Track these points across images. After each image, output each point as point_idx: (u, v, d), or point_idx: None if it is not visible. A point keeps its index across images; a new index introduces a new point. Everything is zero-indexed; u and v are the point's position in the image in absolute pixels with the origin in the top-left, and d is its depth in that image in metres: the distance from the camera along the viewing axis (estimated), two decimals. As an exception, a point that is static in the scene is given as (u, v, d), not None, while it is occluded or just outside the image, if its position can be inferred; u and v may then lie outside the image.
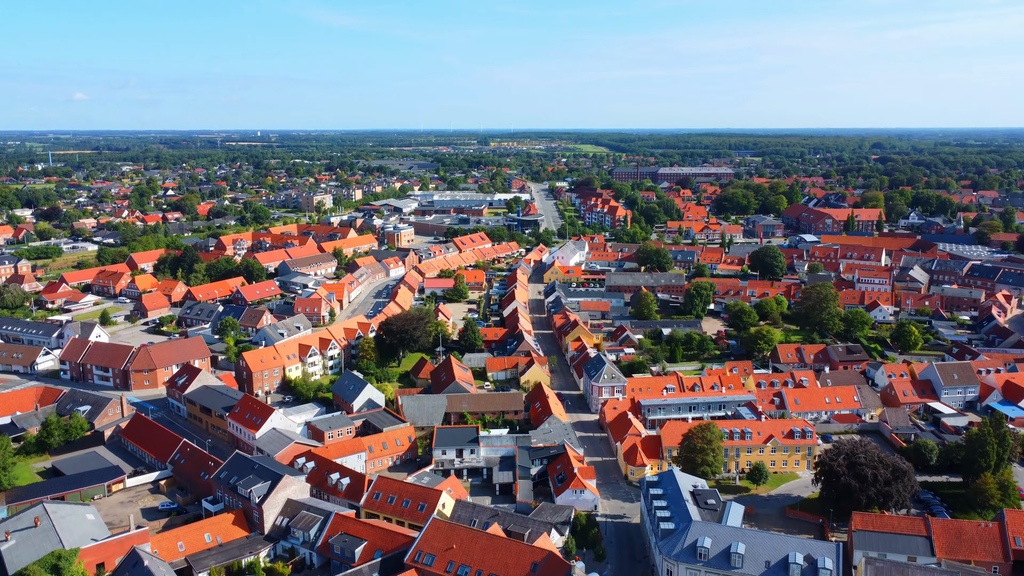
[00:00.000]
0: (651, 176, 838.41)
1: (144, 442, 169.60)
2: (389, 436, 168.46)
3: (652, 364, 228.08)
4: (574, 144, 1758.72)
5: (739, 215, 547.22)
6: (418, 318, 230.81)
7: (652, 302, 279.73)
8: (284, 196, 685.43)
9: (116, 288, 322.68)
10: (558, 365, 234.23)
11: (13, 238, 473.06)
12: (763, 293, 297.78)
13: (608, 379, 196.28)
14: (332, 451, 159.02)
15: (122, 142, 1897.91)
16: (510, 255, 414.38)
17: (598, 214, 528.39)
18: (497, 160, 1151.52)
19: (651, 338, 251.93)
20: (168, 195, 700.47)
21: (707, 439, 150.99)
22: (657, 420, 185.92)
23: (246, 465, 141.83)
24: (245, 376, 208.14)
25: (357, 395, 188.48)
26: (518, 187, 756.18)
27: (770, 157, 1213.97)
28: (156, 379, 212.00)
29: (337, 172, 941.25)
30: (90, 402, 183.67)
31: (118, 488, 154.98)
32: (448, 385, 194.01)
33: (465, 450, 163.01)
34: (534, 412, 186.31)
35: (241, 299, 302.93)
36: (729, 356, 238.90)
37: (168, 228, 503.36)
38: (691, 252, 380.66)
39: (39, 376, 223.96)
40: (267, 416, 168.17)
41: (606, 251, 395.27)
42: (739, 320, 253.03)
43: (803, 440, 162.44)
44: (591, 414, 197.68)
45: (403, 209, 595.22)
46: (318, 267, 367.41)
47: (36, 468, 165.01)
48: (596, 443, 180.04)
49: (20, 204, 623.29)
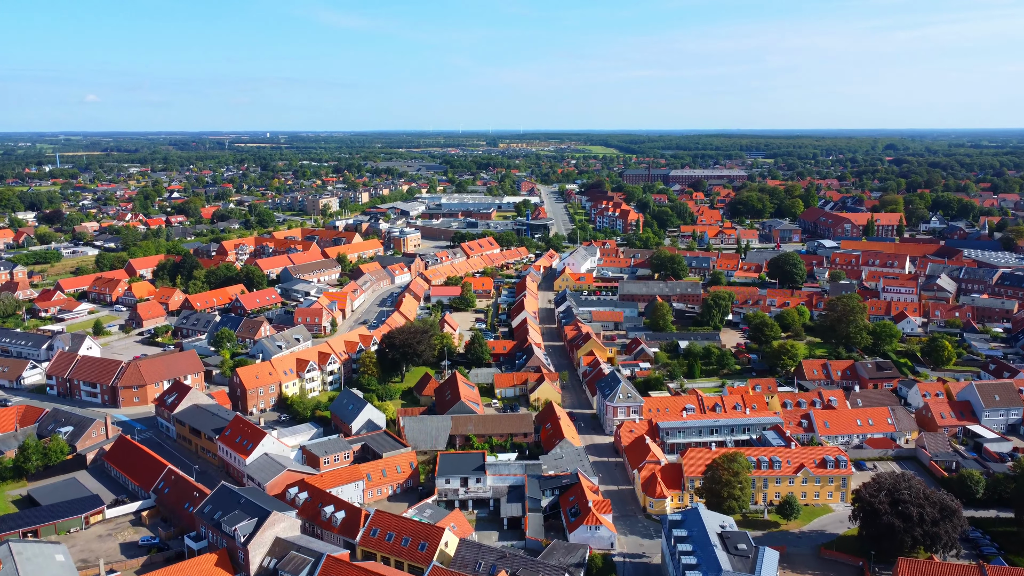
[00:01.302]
0: (662, 178, 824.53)
1: (127, 467, 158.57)
2: (389, 463, 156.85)
3: (669, 380, 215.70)
4: (583, 145, 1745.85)
5: (754, 219, 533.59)
6: (422, 331, 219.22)
7: (668, 312, 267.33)
8: (290, 199, 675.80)
9: (113, 296, 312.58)
10: (569, 380, 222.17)
11: (13, 242, 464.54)
12: (783, 303, 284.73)
13: (624, 399, 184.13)
14: (327, 480, 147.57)
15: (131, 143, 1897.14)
16: (519, 261, 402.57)
17: (609, 218, 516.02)
18: (506, 162, 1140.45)
19: (667, 351, 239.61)
20: (173, 198, 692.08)
21: (734, 471, 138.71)
22: (676, 444, 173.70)
23: (231, 499, 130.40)
24: (239, 393, 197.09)
25: (356, 416, 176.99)
26: (527, 189, 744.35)
27: (782, 159, 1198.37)
28: (146, 396, 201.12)
29: (344, 174, 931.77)
30: (73, 423, 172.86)
31: (97, 520, 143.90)
32: (453, 405, 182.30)
33: (470, 479, 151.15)
34: (544, 434, 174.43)
35: (240, 308, 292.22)
36: (750, 372, 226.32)
37: (171, 232, 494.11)
38: (706, 258, 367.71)
39: (25, 391, 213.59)
40: (258, 440, 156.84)
41: (618, 257, 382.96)
42: (760, 333, 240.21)
43: (837, 470, 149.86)
44: (605, 436, 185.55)
45: (410, 212, 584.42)
46: (321, 273, 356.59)
47: (12, 496, 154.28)
48: (611, 469, 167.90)
49: (23, 207, 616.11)
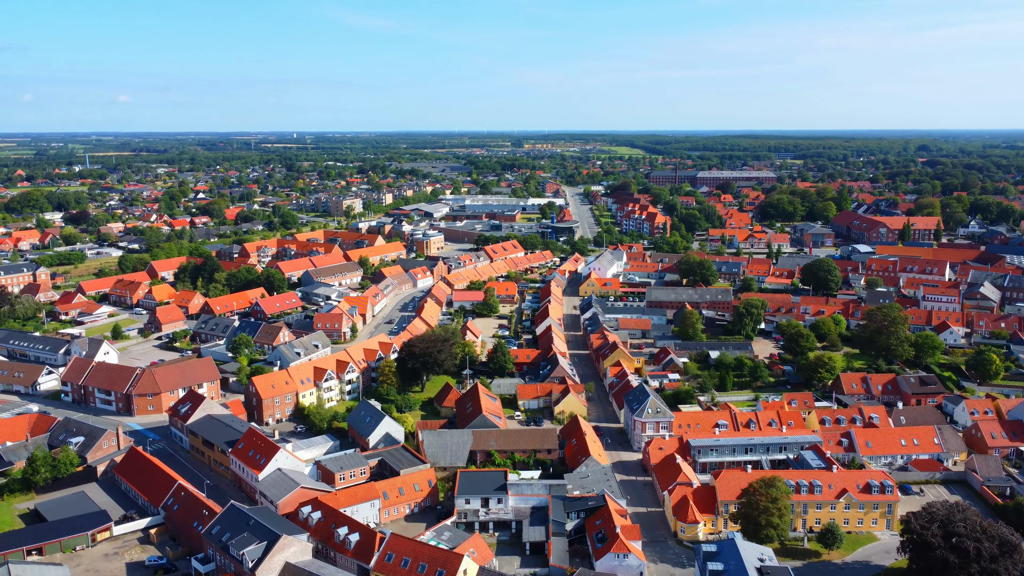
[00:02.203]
0: (690, 180, 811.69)
1: (137, 481, 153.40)
2: (407, 480, 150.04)
3: (700, 393, 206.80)
4: (609, 146, 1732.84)
5: (785, 222, 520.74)
6: (443, 339, 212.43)
7: (697, 320, 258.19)
8: (314, 200, 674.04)
9: (133, 298, 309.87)
10: (595, 392, 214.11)
11: (39, 243, 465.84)
12: (818, 311, 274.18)
13: (653, 414, 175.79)
14: (342, 499, 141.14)
15: (160, 144, 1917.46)
16: (544, 265, 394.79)
17: (636, 221, 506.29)
18: (531, 163, 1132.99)
19: (697, 362, 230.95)
20: (198, 198, 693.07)
21: (772, 497, 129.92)
22: (709, 463, 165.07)
23: (240, 520, 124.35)
24: (255, 403, 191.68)
25: (374, 429, 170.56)
26: (552, 191, 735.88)
27: (812, 160, 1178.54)
28: (161, 404, 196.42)
29: (369, 175, 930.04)
30: (84, 433, 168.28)
31: (104, 537, 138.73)
32: (474, 418, 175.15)
33: (491, 499, 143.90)
34: (569, 451, 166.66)
35: (260, 312, 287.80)
36: (785, 385, 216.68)
37: (194, 233, 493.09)
38: (736, 263, 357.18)
39: (40, 398, 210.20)
40: (272, 455, 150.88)
41: (645, 261, 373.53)
42: (795, 343, 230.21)
43: (883, 496, 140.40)
44: (633, 452, 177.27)
45: (434, 214, 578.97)
46: (343, 277, 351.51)
47: (19, 509, 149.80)
48: (639, 489, 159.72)
49: (51, 207, 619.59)
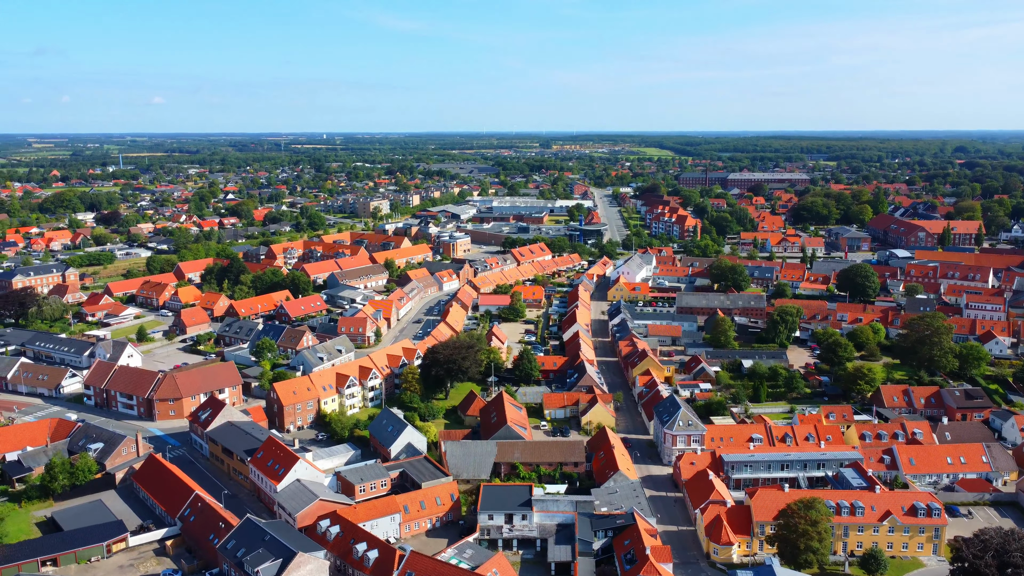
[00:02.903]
0: (720, 182, 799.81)
1: (155, 489, 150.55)
2: (428, 494, 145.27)
3: (732, 404, 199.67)
4: (638, 147, 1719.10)
5: (819, 225, 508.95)
6: (468, 346, 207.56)
7: (730, 328, 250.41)
8: (341, 201, 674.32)
9: (159, 300, 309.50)
10: (624, 401, 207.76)
11: (71, 243, 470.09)
12: (856, 319, 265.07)
13: (684, 427, 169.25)
14: (361, 512, 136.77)
15: (193, 144, 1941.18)
16: (571, 268, 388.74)
17: (665, 223, 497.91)
18: (559, 164, 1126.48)
19: (730, 371, 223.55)
20: (228, 199, 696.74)
21: (812, 520, 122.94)
22: (743, 480, 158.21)
23: (256, 535, 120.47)
24: (276, 409, 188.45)
25: (395, 438, 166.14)
26: (580, 193, 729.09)
27: (845, 161, 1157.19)
28: (182, 409, 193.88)
29: (397, 176, 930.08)
30: (103, 439, 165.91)
31: (120, 548, 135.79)
32: (499, 429, 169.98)
33: (515, 515, 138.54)
34: (597, 464, 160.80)
35: (285, 315, 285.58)
36: (822, 396, 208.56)
37: (222, 234, 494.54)
38: (769, 268, 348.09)
39: (64, 401, 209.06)
40: (290, 465, 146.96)
41: (675, 265, 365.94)
42: (833, 353, 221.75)
43: (929, 519, 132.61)
44: (663, 466, 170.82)
45: (461, 216, 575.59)
46: (368, 279, 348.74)
47: (37, 517, 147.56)
48: (669, 506, 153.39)
49: (83, 208, 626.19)
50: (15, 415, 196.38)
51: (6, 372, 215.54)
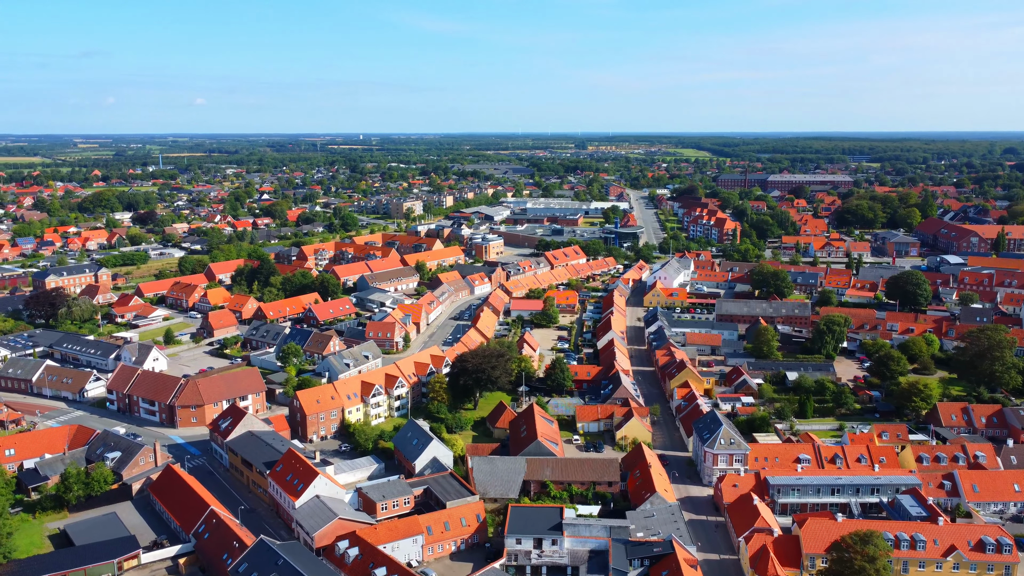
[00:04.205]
0: (760, 184, 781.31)
1: (171, 502, 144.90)
2: (453, 514, 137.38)
3: (777, 420, 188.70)
4: (675, 148, 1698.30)
5: (864, 229, 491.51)
6: (498, 354, 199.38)
7: (773, 337, 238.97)
8: (375, 202, 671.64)
9: (189, 301, 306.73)
10: (661, 415, 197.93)
11: (107, 242, 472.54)
12: (907, 329, 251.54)
13: (726, 445, 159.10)
14: (382, 533, 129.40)
15: (232, 145, 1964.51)
16: (606, 272, 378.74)
17: (703, 226, 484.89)
18: (594, 165, 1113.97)
19: (773, 384, 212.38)
20: (263, 199, 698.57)
21: (869, 556, 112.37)
22: (790, 504, 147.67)
23: (269, 558, 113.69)
24: (299, 418, 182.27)
25: (420, 452, 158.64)
26: (616, 195, 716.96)
27: (889, 163, 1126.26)
28: (204, 416, 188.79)
29: (431, 176, 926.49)
30: (121, 448, 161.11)
31: (131, 565, 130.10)
32: (529, 444, 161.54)
33: (545, 540, 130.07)
34: (632, 484, 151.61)
35: (313, 318, 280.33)
36: (873, 413, 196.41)
37: (255, 235, 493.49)
38: (813, 274, 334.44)
39: (87, 405, 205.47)
40: (310, 480, 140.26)
41: (714, 270, 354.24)
42: (884, 366, 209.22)
43: (999, 556, 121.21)
44: (703, 487, 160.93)
45: (494, 217, 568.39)
46: (399, 282, 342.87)
47: (50, 529, 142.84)
48: (710, 531, 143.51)
49: (121, 207, 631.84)
50: (37, 420, 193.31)
51: (31, 375, 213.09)
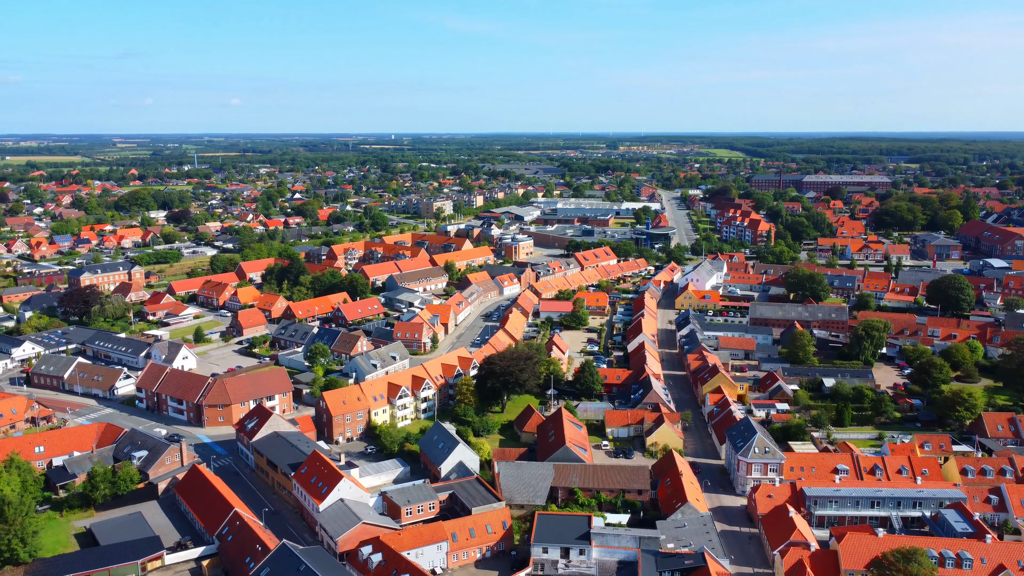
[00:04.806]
0: (794, 184, 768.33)
1: (196, 503, 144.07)
2: (479, 521, 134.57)
3: (813, 428, 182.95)
4: (707, 148, 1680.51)
5: (903, 231, 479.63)
6: (526, 357, 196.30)
7: (809, 342, 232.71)
8: (405, 201, 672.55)
9: (219, 300, 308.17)
10: (692, 421, 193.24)
11: (141, 240, 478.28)
12: (949, 335, 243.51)
13: (760, 454, 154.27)
14: (406, 539, 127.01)
15: (266, 144, 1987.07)
16: (637, 274, 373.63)
17: (737, 228, 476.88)
18: (626, 165, 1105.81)
19: (809, 390, 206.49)
20: (294, 199, 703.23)
21: (913, 574, 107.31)
22: (827, 517, 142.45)
23: (291, 564, 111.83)
24: (325, 419, 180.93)
25: (446, 456, 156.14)
26: (647, 195, 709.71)
27: (929, 163, 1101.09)
28: (231, 416, 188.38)
29: (461, 176, 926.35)
30: (148, 447, 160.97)
31: (155, 566, 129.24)
32: (557, 450, 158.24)
33: (572, 549, 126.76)
34: (663, 492, 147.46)
35: (341, 318, 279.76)
36: (914, 422, 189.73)
37: (286, 234, 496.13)
38: (850, 277, 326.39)
39: (117, 403, 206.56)
40: (334, 483, 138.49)
41: (747, 272, 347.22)
42: (926, 373, 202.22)
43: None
44: (736, 497, 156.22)
45: (524, 217, 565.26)
46: (427, 282, 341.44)
47: (76, 528, 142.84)
48: (743, 543, 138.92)
49: (156, 206, 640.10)
50: (67, 417, 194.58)
51: (63, 372, 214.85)
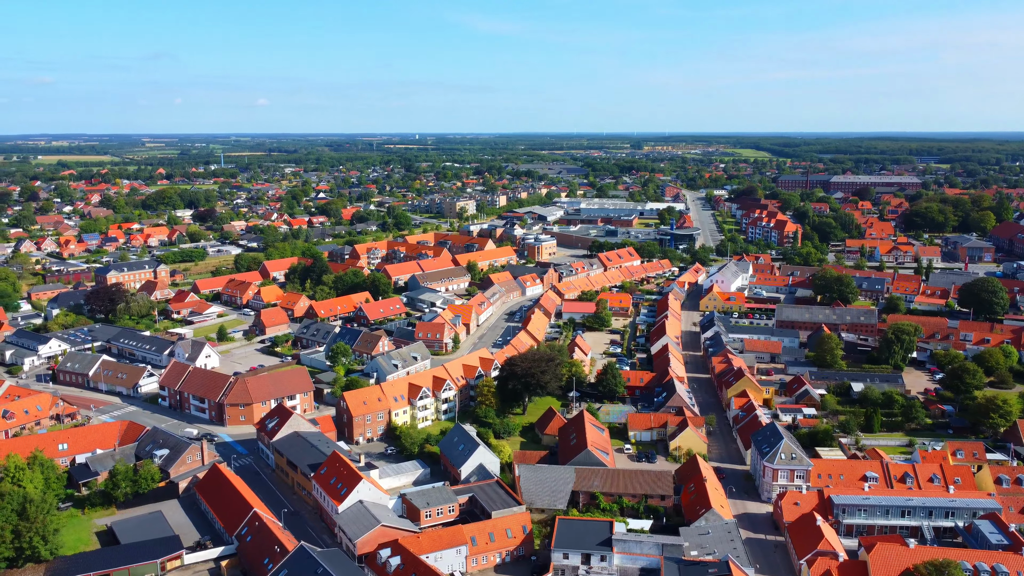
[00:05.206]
0: (822, 185, 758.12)
1: (216, 503, 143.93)
2: (499, 524, 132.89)
3: (841, 434, 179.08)
4: (733, 148, 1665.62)
5: (934, 233, 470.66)
6: (548, 359, 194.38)
7: (836, 345, 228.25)
8: (428, 201, 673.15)
9: (243, 299, 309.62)
10: (717, 425, 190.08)
11: (167, 239, 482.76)
12: (982, 339, 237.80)
13: (787, 460, 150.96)
14: (425, 542, 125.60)
15: (291, 144, 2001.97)
16: (661, 275, 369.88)
17: (763, 228, 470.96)
18: (650, 165, 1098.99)
19: (837, 395, 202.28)
20: (319, 198, 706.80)
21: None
22: (855, 526, 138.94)
23: (308, 566, 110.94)
24: (345, 420, 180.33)
25: (466, 459, 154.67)
26: (672, 195, 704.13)
27: (960, 164, 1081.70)
28: (252, 415, 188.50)
29: (484, 176, 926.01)
30: (169, 445, 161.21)
31: (174, 566, 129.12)
32: (578, 453, 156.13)
33: (594, 556, 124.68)
34: (686, 498, 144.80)
35: (363, 317, 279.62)
36: (946, 429, 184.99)
37: (310, 233, 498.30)
38: (879, 280, 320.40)
39: (140, 400, 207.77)
40: (353, 485, 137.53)
41: (774, 274, 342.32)
42: (959, 379, 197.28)
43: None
44: (761, 503, 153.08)
45: (547, 217, 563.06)
46: (450, 282, 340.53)
47: (98, 525, 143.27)
48: (768, 551, 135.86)
49: (182, 205, 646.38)
50: (91, 414, 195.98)
51: (88, 369, 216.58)
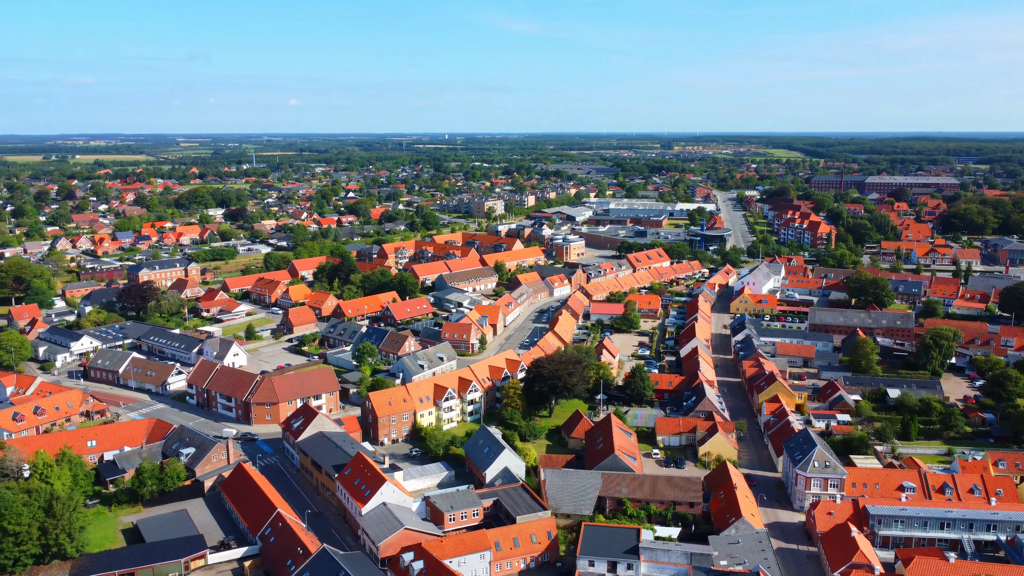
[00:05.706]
0: (856, 185, 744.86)
1: (240, 502, 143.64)
2: (523, 530, 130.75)
3: (877, 442, 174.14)
4: (764, 148, 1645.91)
5: (973, 235, 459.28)
6: (575, 361, 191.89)
7: (872, 350, 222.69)
8: (456, 201, 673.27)
9: (271, 297, 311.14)
10: (747, 431, 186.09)
11: (199, 237, 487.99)
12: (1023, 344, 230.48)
13: (820, 468, 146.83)
14: (448, 547, 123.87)
15: (322, 144, 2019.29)
16: (691, 276, 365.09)
17: (795, 230, 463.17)
18: (680, 165, 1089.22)
19: (872, 401, 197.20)
20: (348, 197, 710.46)
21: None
22: (892, 537, 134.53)
23: (330, 570, 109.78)
24: (370, 420, 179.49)
25: (492, 461, 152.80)
26: (702, 196, 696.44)
27: (1000, 164, 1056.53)
28: (278, 414, 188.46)
29: (513, 176, 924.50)
30: (195, 444, 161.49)
31: (198, 565, 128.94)
32: (605, 458, 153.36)
33: (620, 564, 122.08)
34: (716, 505, 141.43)
35: (390, 317, 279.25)
36: (987, 438, 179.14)
37: (339, 232, 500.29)
38: (917, 283, 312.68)
39: (169, 398, 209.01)
40: (377, 487, 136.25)
41: (807, 276, 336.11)
42: (1000, 386, 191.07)
43: None
44: (793, 512, 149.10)
45: (576, 218, 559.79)
46: (477, 283, 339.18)
47: (124, 523, 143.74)
48: (801, 562, 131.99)
49: (214, 204, 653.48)
50: (120, 411, 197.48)
51: (118, 367, 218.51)
